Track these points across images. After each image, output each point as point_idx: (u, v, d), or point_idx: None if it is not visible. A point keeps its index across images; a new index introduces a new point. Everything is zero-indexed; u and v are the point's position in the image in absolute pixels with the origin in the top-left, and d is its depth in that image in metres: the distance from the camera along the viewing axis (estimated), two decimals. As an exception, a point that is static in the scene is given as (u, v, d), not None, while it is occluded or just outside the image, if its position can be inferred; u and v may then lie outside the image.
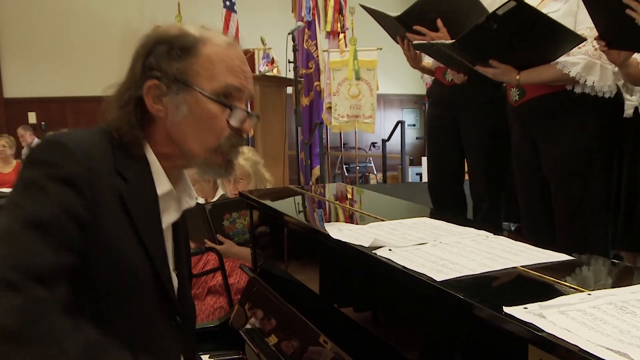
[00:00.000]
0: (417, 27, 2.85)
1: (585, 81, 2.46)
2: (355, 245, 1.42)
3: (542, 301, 1.02)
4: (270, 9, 8.10)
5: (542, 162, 2.70)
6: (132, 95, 1.24)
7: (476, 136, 3.19)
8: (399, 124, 7.61)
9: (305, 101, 7.59)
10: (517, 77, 2.52)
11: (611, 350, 0.84)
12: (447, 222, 1.66)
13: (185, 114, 1.24)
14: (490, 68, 2.54)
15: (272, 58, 7.62)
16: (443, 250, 1.38)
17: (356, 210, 1.95)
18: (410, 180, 9.04)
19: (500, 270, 1.22)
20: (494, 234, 1.52)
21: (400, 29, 2.95)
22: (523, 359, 0.96)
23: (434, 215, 1.75)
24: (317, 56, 7.71)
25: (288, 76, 6.62)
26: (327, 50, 7.76)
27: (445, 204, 3.37)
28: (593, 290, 1.08)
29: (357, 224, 1.67)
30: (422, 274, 1.19)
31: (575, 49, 2.45)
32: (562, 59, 2.47)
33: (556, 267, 1.24)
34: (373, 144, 10.38)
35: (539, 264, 1.26)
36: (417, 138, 10.81)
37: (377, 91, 8.34)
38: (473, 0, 2.80)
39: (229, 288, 3.00)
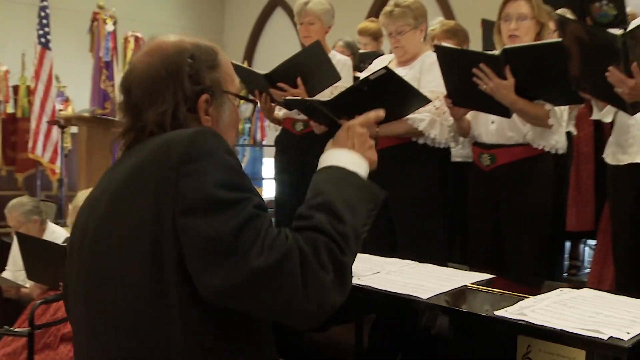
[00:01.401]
0: (280, 84, 3.25)
1: (429, 134, 3.03)
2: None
3: (508, 306, 1.45)
4: (66, 47, 7.90)
5: (389, 202, 3.21)
6: (185, 112, 1.33)
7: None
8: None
9: (103, 142, 7.52)
10: (377, 129, 3.01)
11: (587, 329, 1.29)
12: (370, 254, 2.06)
13: (227, 118, 1.40)
14: (354, 122, 3.00)
15: (67, 97, 7.46)
16: (400, 276, 1.77)
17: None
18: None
19: (459, 287, 1.64)
20: (419, 262, 1.95)
21: (264, 85, 3.32)
22: (513, 348, 1.37)
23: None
24: (114, 97, 7.69)
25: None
26: (125, 92, 7.78)
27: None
28: (532, 296, 1.54)
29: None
30: (409, 295, 1.56)
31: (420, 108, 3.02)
32: (411, 116, 3.01)
33: (493, 283, 1.70)
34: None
35: (480, 281, 1.70)
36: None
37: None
38: (328, 64, 3.29)
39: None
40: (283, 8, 10.21)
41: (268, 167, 8.60)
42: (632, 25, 2.56)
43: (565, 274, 3.87)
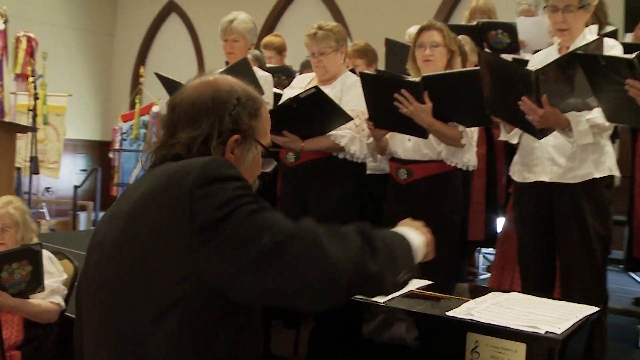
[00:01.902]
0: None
1: (349, 150, 3.27)
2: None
3: (455, 308, 1.69)
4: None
5: (309, 214, 3.41)
6: (215, 143, 1.44)
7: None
8: (94, 171, 7.75)
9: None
10: (302, 144, 3.22)
11: (526, 325, 1.55)
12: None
13: (248, 163, 1.51)
14: (281, 137, 3.19)
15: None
16: (351, 283, 1.96)
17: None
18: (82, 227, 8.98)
19: (408, 292, 1.86)
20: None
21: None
22: (462, 345, 1.60)
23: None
24: (3, 98, 7.44)
25: None
26: (14, 93, 7.57)
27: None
28: (471, 299, 1.79)
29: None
30: (367, 299, 1.77)
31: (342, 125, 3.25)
32: (333, 132, 3.24)
33: (434, 288, 1.94)
34: (47, 188, 10.10)
35: (423, 286, 1.94)
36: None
37: (64, 137, 8.36)
38: (253, 80, 3.44)
39: (2, 344, 2.98)
40: (178, 14, 10.22)
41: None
42: (534, 59, 2.93)
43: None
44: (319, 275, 1.25)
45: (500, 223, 4.40)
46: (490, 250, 5.41)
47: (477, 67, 2.72)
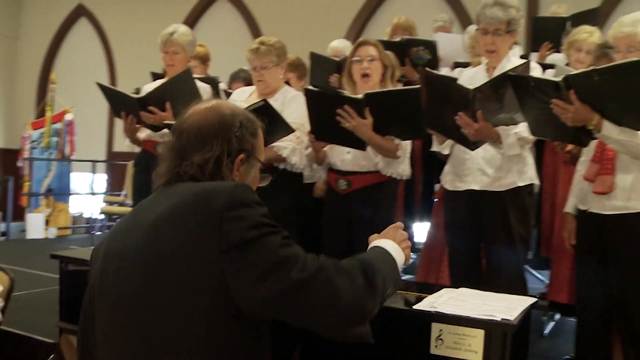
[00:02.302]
0: (151, 108, 3.49)
1: (290, 161, 3.46)
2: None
3: (418, 302, 1.93)
4: None
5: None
6: (226, 163, 1.59)
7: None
8: (5, 180, 7.55)
9: None
10: (245, 155, 3.39)
11: (483, 314, 1.80)
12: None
13: (251, 179, 1.67)
14: (227, 148, 3.35)
15: None
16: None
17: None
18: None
19: (372, 290, 2.08)
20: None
21: (133, 107, 3.53)
22: (427, 334, 1.84)
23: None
24: None
25: None
26: None
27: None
28: (429, 294, 2.04)
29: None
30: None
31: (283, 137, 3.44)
32: (276, 144, 3.42)
33: (394, 286, 2.17)
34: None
35: (384, 285, 2.16)
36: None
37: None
38: (195, 91, 3.60)
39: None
40: (88, 18, 10.07)
41: (76, 181, 8.44)
42: (463, 76, 3.24)
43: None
44: (330, 311, 1.44)
45: (416, 229, 4.75)
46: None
47: (418, 86, 2.99)
